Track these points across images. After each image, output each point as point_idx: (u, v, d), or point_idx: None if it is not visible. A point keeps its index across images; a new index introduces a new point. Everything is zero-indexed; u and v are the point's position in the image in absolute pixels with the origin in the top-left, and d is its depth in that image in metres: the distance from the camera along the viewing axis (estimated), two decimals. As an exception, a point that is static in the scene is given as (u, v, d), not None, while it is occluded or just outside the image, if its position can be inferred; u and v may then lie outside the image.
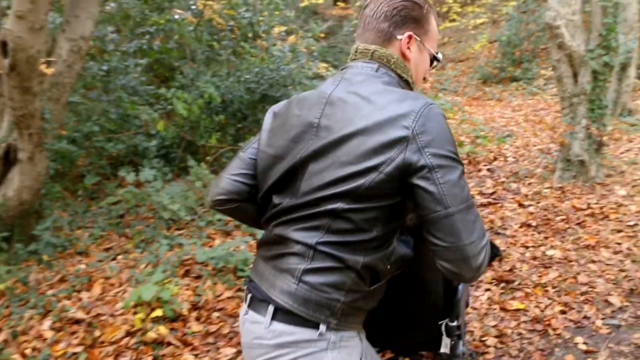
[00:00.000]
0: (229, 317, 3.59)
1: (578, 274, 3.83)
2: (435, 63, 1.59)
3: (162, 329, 3.33)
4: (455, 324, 2.03)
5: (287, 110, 1.50)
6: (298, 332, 1.34)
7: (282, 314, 1.35)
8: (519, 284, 3.77)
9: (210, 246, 4.61)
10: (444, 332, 2.04)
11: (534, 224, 4.74)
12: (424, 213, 1.27)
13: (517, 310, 3.44)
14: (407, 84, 1.49)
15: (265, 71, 7.03)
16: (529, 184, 5.78)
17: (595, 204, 5.02)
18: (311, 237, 1.33)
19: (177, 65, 7.67)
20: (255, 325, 1.41)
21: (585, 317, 3.27)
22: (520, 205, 5.23)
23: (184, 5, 8.03)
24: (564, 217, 4.82)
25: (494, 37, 13.86)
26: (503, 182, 5.96)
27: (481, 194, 5.72)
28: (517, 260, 4.12)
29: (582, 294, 3.56)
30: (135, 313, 3.56)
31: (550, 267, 3.99)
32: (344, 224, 1.31)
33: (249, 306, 1.46)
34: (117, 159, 6.84)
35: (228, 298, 3.78)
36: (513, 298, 3.60)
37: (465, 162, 6.82)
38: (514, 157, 6.82)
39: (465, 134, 8.04)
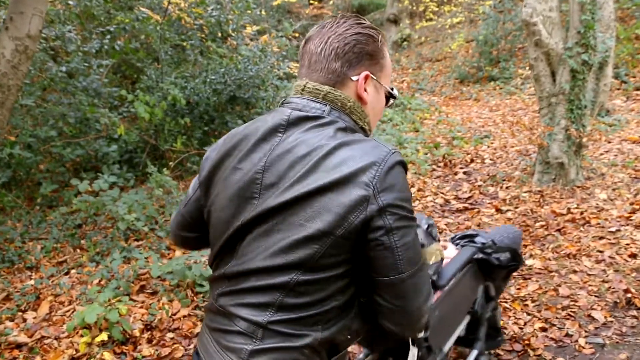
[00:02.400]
0: (184, 339, 3.30)
1: (559, 285, 3.60)
2: (391, 101, 1.37)
3: (107, 356, 3.03)
4: (422, 335, 1.98)
5: (226, 161, 1.26)
6: None
7: None
8: (497, 297, 3.53)
9: (170, 258, 4.32)
10: (410, 342, 1.99)
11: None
12: (375, 275, 1.14)
13: None
14: (363, 132, 1.27)
15: (232, 71, 6.73)
16: (507, 187, 5.57)
17: (576, 208, 4.81)
18: (260, 315, 1.15)
19: (142, 66, 7.35)
20: None
21: (567, 335, 3.04)
22: (498, 210, 5.00)
23: (151, 3, 7.71)
24: (543, 223, 4.60)
25: (471, 36, 13.72)
26: (480, 185, 5.74)
27: (457, 198, 5.49)
28: (495, 271, 3.88)
29: (563, 308, 3.33)
30: (82, 336, 3.27)
31: (529, 278, 3.76)
32: (298, 298, 1.13)
33: None
34: (80, 165, 6.51)
35: (184, 317, 3.49)
36: None
37: (441, 164, 6.60)
38: (491, 159, 6.61)
39: (442, 135, 7.83)
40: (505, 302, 3.45)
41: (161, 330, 3.37)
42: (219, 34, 8.19)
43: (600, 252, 4.02)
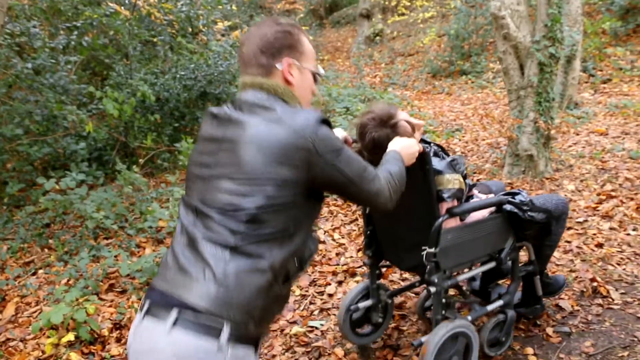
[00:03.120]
0: (154, 338, 3.26)
1: (527, 276, 3.64)
2: (318, 78, 1.75)
3: (74, 356, 2.98)
4: (432, 250, 2.33)
5: (205, 124, 1.65)
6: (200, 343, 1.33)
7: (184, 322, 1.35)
8: (466, 289, 3.55)
9: (140, 256, 4.27)
10: (424, 257, 2.35)
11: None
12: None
13: (464, 318, 3.22)
14: None
15: (202, 67, 6.68)
16: (478, 180, 5.61)
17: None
18: (227, 240, 1.41)
19: (111, 62, 7.24)
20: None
21: (535, 325, 3.07)
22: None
23: (119, -2, 7.60)
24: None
25: (442, 30, 13.80)
26: (451, 178, 5.77)
27: (429, 191, 5.52)
28: (465, 263, 3.92)
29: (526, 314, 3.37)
30: (48, 337, 3.21)
31: (499, 269, 3.80)
32: (259, 224, 1.42)
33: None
34: (48, 164, 6.39)
35: (154, 315, 3.45)
36: (460, 305, 3.38)
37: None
38: (462, 152, 6.66)
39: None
40: (475, 294, 3.48)
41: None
42: (190, 30, 8.11)
43: (568, 242, 4.07)
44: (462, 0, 12.99)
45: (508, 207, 2.64)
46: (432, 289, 2.41)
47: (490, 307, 2.75)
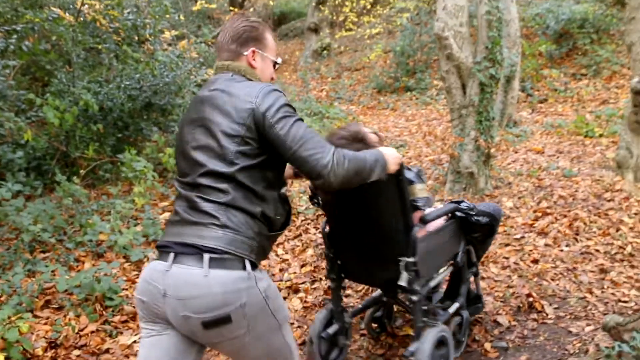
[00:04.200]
0: (91, 356, 3.18)
1: (467, 292, 3.73)
2: (277, 66, 2.16)
3: (5, 377, 2.86)
4: (412, 259, 2.41)
5: (187, 113, 2.04)
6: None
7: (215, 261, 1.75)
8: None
9: (79, 271, 4.14)
10: (402, 267, 2.43)
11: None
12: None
13: (406, 336, 3.27)
14: None
15: (148, 77, 6.57)
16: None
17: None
18: (219, 197, 1.81)
19: (52, 68, 7.03)
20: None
21: (474, 340, 3.16)
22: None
23: (63, 3, 7.41)
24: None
25: (388, 47, 14.04)
26: (395, 194, 5.86)
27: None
28: (407, 278, 3.98)
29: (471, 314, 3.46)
30: (-22, 357, 3.07)
31: (439, 285, 3.88)
32: (238, 183, 1.81)
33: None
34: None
35: (92, 332, 3.36)
36: (400, 324, 3.43)
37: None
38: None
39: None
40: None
41: (66, 348, 3.23)
42: (136, 38, 7.97)
43: (506, 258, 4.21)
44: (408, 18, 13.27)
45: (458, 213, 2.81)
46: (414, 297, 2.48)
47: (451, 310, 2.88)
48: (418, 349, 2.45)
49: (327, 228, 2.76)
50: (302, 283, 3.92)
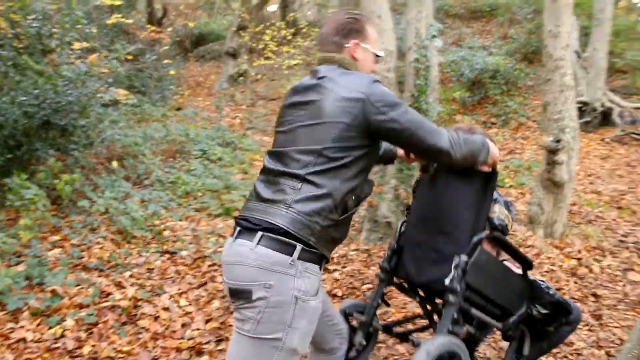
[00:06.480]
0: None
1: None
2: (378, 59, 2.22)
3: None
4: (465, 259, 2.28)
5: (287, 98, 2.13)
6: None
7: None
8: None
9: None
10: (454, 265, 2.28)
11: (339, 293, 4.38)
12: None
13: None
14: None
15: (48, 93, 5.97)
16: (336, 243, 5.49)
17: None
18: (298, 172, 1.90)
19: None
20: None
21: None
22: (326, 269, 4.87)
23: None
24: (370, 284, 4.55)
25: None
26: (309, 239, 5.60)
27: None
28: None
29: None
30: None
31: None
32: (325, 160, 1.89)
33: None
34: None
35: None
36: None
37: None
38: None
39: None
40: None
41: None
42: (40, 48, 7.31)
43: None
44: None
45: (531, 277, 2.69)
46: (451, 298, 2.27)
47: None
48: (425, 344, 2.18)
49: (403, 227, 2.70)
50: (207, 343, 3.52)
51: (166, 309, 3.84)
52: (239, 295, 1.83)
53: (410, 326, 3.10)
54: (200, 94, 14.41)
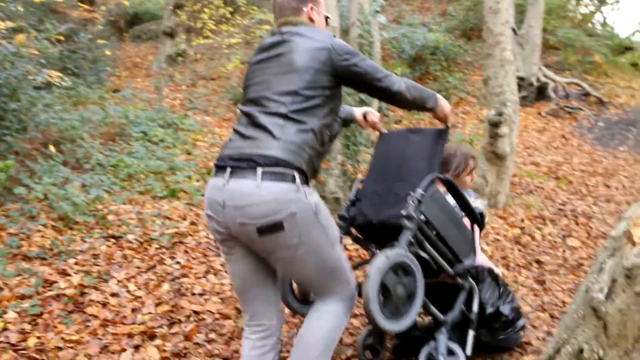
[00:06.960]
0: None
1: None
2: (328, 20, 2.56)
3: None
4: (420, 191, 2.51)
5: (253, 56, 2.48)
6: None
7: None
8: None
9: None
10: (409, 199, 2.51)
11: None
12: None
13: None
14: None
15: (-26, 76, 5.66)
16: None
17: (351, 245, 4.86)
18: (280, 110, 2.19)
19: None
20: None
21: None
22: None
23: None
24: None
25: (246, 58, 13.70)
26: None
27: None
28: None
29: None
30: None
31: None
32: (302, 99, 2.19)
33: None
34: None
35: None
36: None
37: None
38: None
39: (214, 159, 7.51)
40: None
41: None
42: (-40, 27, 6.89)
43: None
44: (268, 31, 13.04)
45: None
46: (407, 223, 2.41)
47: None
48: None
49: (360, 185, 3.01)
50: (159, 327, 3.44)
51: (115, 294, 3.72)
52: (271, 229, 2.04)
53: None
54: (138, 75, 13.98)
